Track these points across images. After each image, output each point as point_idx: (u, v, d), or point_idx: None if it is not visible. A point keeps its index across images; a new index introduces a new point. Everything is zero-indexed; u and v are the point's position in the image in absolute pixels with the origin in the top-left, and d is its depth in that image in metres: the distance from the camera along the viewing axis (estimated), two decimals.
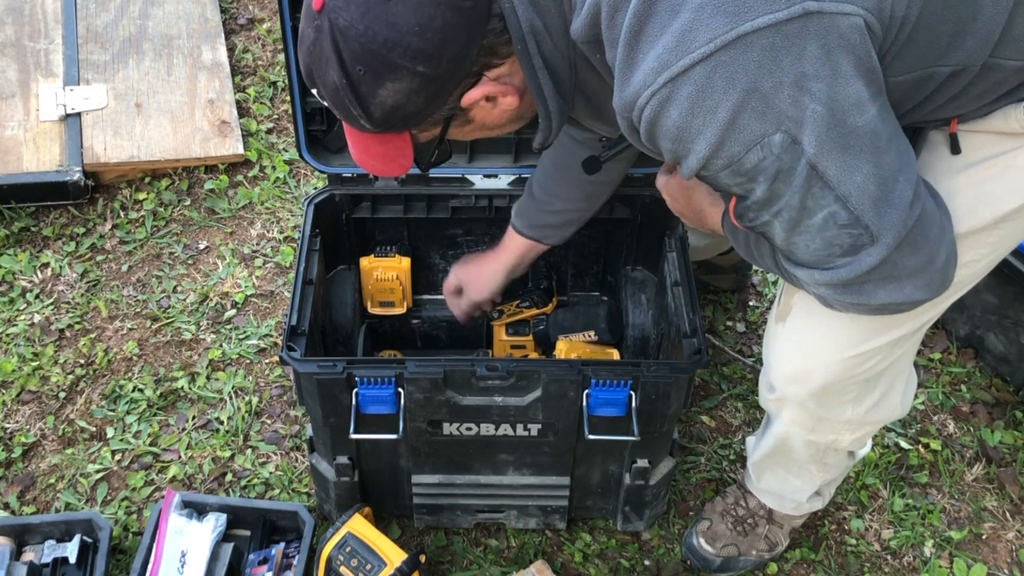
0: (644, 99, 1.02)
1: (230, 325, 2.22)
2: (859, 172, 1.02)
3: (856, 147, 1.01)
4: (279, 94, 2.76)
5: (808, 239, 1.08)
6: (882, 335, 1.33)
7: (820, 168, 1.01)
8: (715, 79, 0.97)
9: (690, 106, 0.99)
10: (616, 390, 1.52)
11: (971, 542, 1.88)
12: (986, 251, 1.28)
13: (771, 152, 1.00)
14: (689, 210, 1.48)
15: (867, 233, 1.06)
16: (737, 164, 1.02)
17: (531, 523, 1.82)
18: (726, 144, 1.00)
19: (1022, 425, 2.05)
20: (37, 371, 2.12)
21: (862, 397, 1.44)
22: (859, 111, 1.00)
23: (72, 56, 2.66)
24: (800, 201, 1.04)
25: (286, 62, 1.62)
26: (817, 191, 1.02)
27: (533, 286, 1.96)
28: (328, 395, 1.53)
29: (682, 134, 1.02)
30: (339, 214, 1.85)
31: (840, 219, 1.04)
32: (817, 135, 0.99)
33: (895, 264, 1.09)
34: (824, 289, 1.15)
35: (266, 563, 1.71)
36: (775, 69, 0.96)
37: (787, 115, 0.98)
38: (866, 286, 1.12)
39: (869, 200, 1.03)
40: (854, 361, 1.36)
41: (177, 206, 2.48)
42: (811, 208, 1.04)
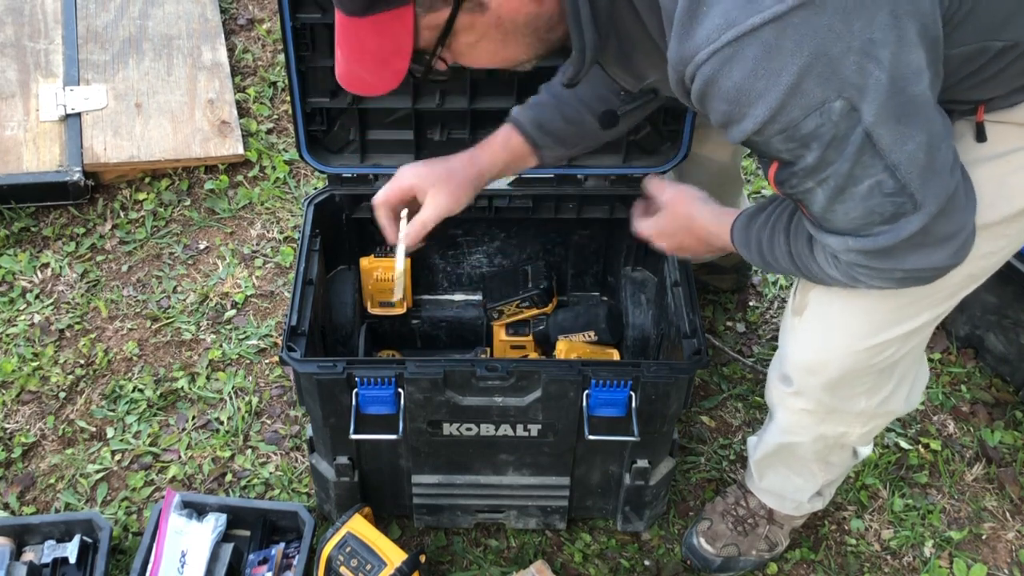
0: (704, 55, 0.98)
1: (230, 325, 2.22)
2: (912, 141, 1.00)
3: (910, 115, 0.99)
4: (279, 94, 2.76)
5: (850, 207, 1.06)
6: (896, 326, 1.33)
7: (875, 136, 0.99)
8: (784, 40, 0.94)
9: (754, 67, 0.96)
10: (616, 390, 1.52)
11: (971, 542, 1.88)
12: (1004, 243, 1.28)
13: (830, 119, 0.97)
14: (692, 239, 1.45)
15: (911, 201, 1.04)
16: (793, 129, 0.99)
17: (531, 523, 1.82)
18: (786, 109, 0.97)
19: (1022, 425, 2.05)
20: (37, 371, 2.12)
21: (876, 389, 1.44)
22: (918, 79, 0.98)
23: (72, 56, 2.66)
24: (849, 169, 1.02)
25: (286, 62, 1.62)
26: (868, 159, 1.00)
27: (533, 286, 1.96)
28: (328, 395, 1.53)
29: (741, 96, 0.99)
30: (339, 214, 1.85)
31: (887, 188, 1.03)
32: (877, 103, 0.97)
33: (931, 232, 1.08)
34: (855, 255, 1.13)
35: (266, 563, 1.71)
36: (845, 33, 0.93)
37: (850, 82, 0.95)
38: (897, 252, 1.10)
39: (918, 169, 1.02)
40: (869, 353, 1.36)
41: (177, 206, 2.48)
42: (859, 176, 1.02)
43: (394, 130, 1.76)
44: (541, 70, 1.64)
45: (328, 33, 1.61)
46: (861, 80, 0.95)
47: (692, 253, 1.50)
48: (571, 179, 1.82)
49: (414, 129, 1.75)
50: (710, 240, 1.42)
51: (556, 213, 1.87)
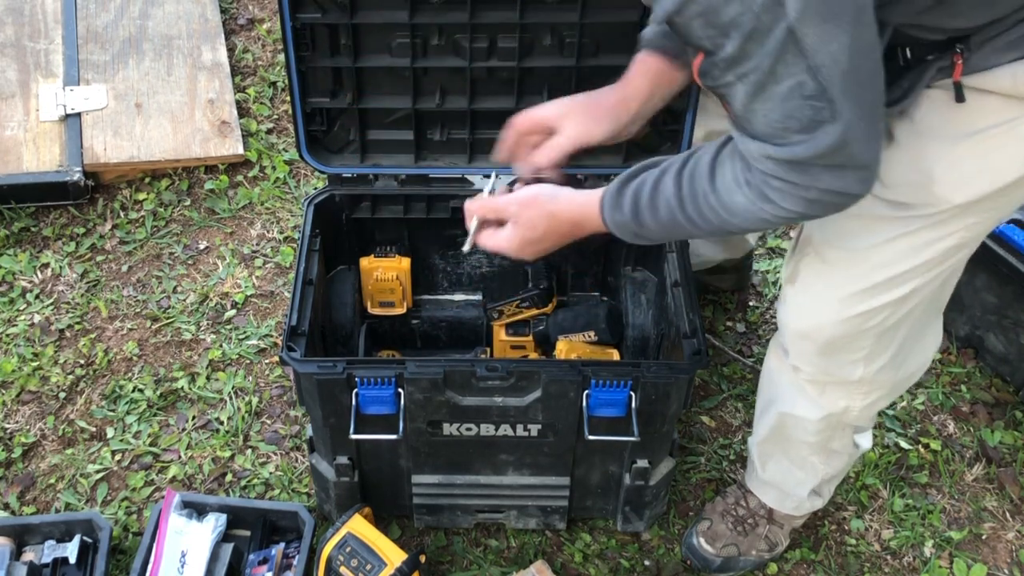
0: None
1: (230, 325, 2.22)
2: (836, 42, 0.97)
3: (837, 15, 0.96)
4: (279, 94, 2.76)
5: (769, 107, 1.04)
6: (886, 292, 1.34)
7: (799, 33, 0.96)
8: None
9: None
10: (616, 390, 1.52)
11: (971, 542, 1.88)
12: (989, 215, 1.28)
13: (751, 8, 0.95)
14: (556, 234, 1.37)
15: (829, 108, 1.01)
16: (713, 14, 0.97)
17: (531, 523, 1.82)
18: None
19: (1022, 425, 2.05)
20: (37, 371, 2.12)
21: (873, 356, 1.44)
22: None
23: (72, 56, 2.66)
24: (770, 65, 0.99)
25: (286, 62, 1.62)
26: (790, 57, 0.98)
27: (533, 286, 1.96)
28: (328, 395, 1.53)
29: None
30: (339, 214, 1.85)
31: (807, 89, 1.00)
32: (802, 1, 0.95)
33: (847, 150, 1.05)
34: (772, 165, 1.10)
35: (266, 563, 1.71)
36: None
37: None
38: (813, 168, 1.07)
39: (839, 72, 0.99)
40: (861, 318, 1.37)
41: (177, 206, 2.48)
42: (780, 74, 1.00)
43: (394, 130, 1.76)
44: (534, 70, 1.66)
45: (328, 33, 1.61)
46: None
47: (556, 244, 1.40)
48: (571, 179, 1.82)
49: (414, 129, 1.75)
50: (577, 223, 1.35)
51: None
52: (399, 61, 1.64)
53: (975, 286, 2.09)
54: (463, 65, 1.64)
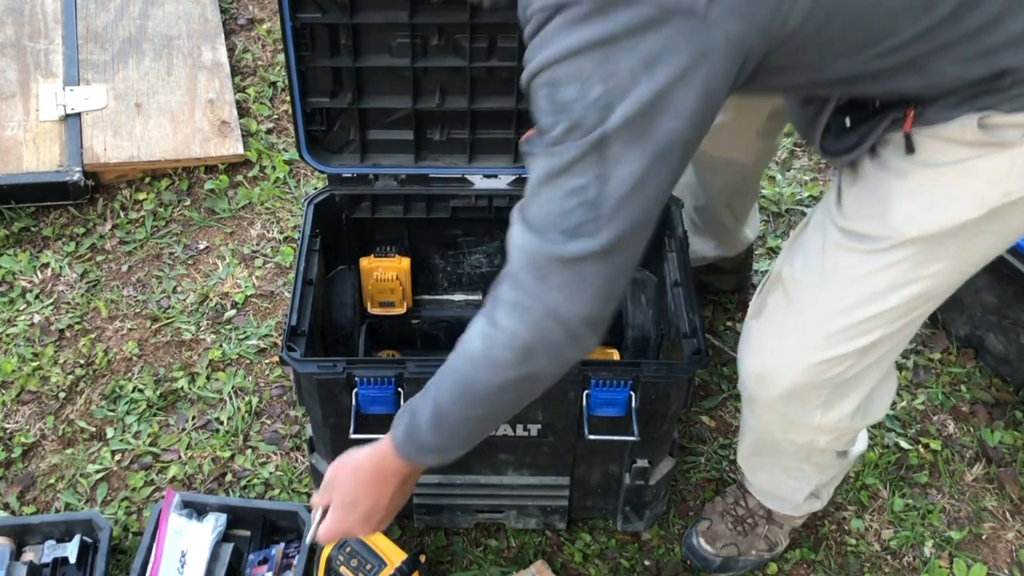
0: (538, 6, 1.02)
1: (230, 325, 2.22)
2: (632, 164, 1.02)
3: (645, 143, 1.01)
4: (279, 94, 2.76)
5: (552, 196, 1.06)
6: (850, 341, 1.33)
7: (608, 141, 1.01)
8: (591, 16, 0.98)
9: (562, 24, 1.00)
10: (616, 390, 1.52)
11: (971, 542, 1.88)
12: (951, 264, 1.26)
13: (585, 100, 1.00)
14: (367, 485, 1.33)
15: (595, 223, 1.05)
16: (553, 88, 1.02)
17: (531, 523, 1.82)
18: (561, 65, 1.00)
19: (1022, 425, 2.05)
20: (37, 371, 2.12)
21: (832, 403, 1.43)
22: (674, 118, 1.00)
23: (72, 56, 2.66)
24: (573, 158, 1.03)
25: (286, 62, 1.62)
26: (591, 159, 1.02)
27: None
28: (328, 395, 1.53)
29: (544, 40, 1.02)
30: (339, 214, 1.85)
31: (589, 196, 1.04)
32: (628, 113, 0.99)
33: (588, 269, 1.08)
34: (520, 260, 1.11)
35: (266, 563, 1.71)
36: (638, 37, 0.97)
37: (618, 80, 0.98)
38: (551, 278, 1.09)
39: (618, 195, 1.03)
40: (821, 367, 1.36)
41: (177, 206, 2.48)
42: (574, 170, 1.03)
43: (394, 130, 1.76)
44: None
45: (328, 33, 1.61)
46: (628, 84, 0.98)
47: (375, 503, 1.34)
48: None
49: (414, 129, 1.75)
50: (379, 464, 1.32)
51: None
52: (399, 61, 1.64)
53: (975, 286, 2.09)
54: (463, 65, 1.64)
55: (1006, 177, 1.16)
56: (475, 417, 1.24)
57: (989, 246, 1.27)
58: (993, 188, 1.17)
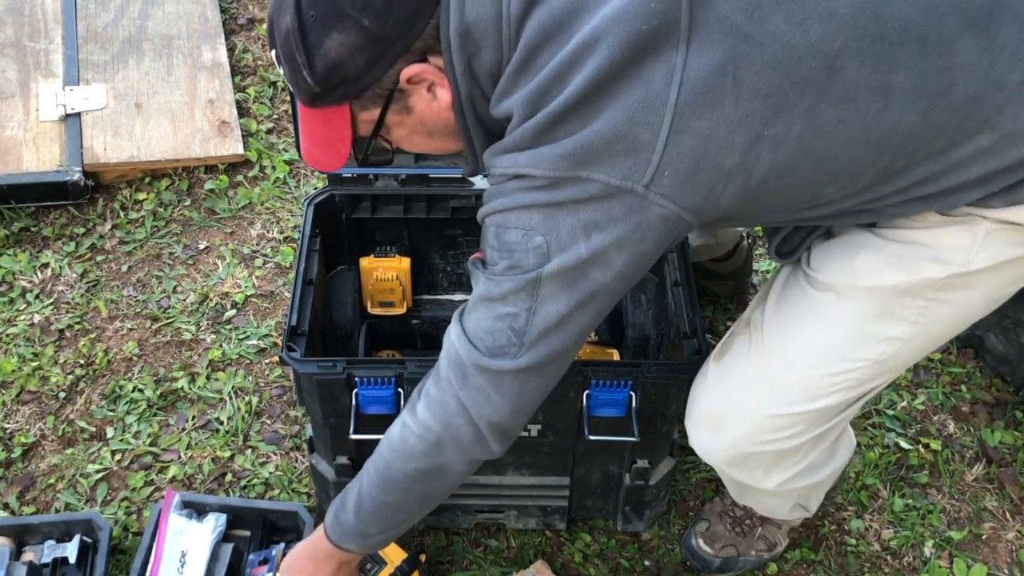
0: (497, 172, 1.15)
1: (230, 325, 2.22)
2: (560, 305, 1.15)
3: (576, 289, 1.14)
4: (279, 94, 2.76)
5: (485, 315, 1.19)
6: (809, 400, 1.35)
7: (542, 282, 1.14)
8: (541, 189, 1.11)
9: (516, 188, 1.13)
10: (616, 391, 1.52)
11: (971, 542, 1.88)
12: (911, 331, 1.29)
13: (526, 245, 1.13)
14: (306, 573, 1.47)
15: (518, 348, 1.18)
16: (502, 229, 1.15)
17: (531, 523, 1.82)
18: (512, 211, 1.13)
19: (1022, 425, 2.05)
20: (37, 371, 2.12)
21: (774, 467, 1.45)
22: (604, 273, 1.13)
23: (72, 56, 2.66)
24: (509, 290, 1.16)
25: None
26: (524, 294, 1.15)
27: None
28: (328, 395, 1.53)
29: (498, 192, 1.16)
30: (339, 214, 1.85)
31: (517, 324, 1.17)
32: (562, 264, 1.12)
33: (504, 384, 1.20)
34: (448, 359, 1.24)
35: (266, 563, 1.71)
36: (579, 205, 1.10)
37: (558, 235, 1.11)
38: (472, 378, 1.21)
39: (543, 329, 1.17)
40: (770, 423, 1.38)
41: (177, 206, 2.48)
42: (509, 300, 1.16)
43: None
44: None
45: None
46: (567, 242, 1.11)
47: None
48: None
49: None
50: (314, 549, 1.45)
51: None
52: None
53: None
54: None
55: (970, 246, 1.21)
56: (389, 504, 1.35)
57: (948, 320, 1.30)
58: (957, 253, 1.22)
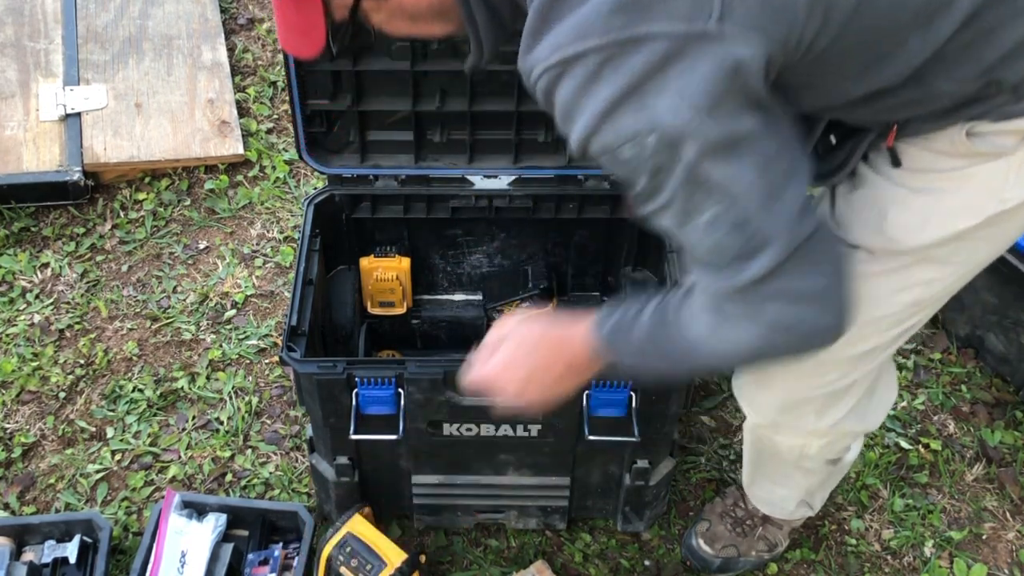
0: (539, 71, 1.02)
1: (230, 325, 2.22)
2: (745, 176, 1.00)
3: (739, 154, 0.99)
4: (279, 94, 2.76)
5: (696, 239, 1.05)
6: (847, 347, 1.29)
7: (701, 174, 0.99)
8: (604, 69, 0.96)
9: (577, 86, 0.99)
10: (616, 391, 1.52)
11: (971, 542, 1.88)
12: (948, 271, 1.25)
13: (644, 152, 0.99)
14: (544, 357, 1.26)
15: (758, 236, 1.02)
16: (612, 153, 1.01)
17: (531, 523, 1.82)
18: (601, 132, 1.00)
19: (1022, 425, 2.05)
20: (37, 371, 2.12)
21: (826, 410, 1.43)
22: (740, 120, 0.98)
23: (72, 56, 2.66)
24: (684, 200, 1.02)
25: (285, 63, 1.62)
26: (702, 192, 1.00)
27: (533, 286, 1.96)
28: (328, 395, 1.53)
29: (566, 112, 1.02)
30: (339, 214, 1.85)
31: (728, 219, 1.01)
32: (697, 144, 0.97)
33: (787, 277, 1.04)
34: (717, 298, 1.09)
35: (267, 563, 1.71)
36: (660, 74, 0.95)
37: (664, 120, 0.97)
38: (756, 297, 1.06)
39: (757, 200, 1.01)
40: (816, 372, 1.36)
41: (177, 206, 2.48)
42: (696, 206, 1.02)
43: (394, 131, 1.76)
44: None
45: None
46: (675, 121, 0.96)
47: (545, 381, 1.27)
48: (571, 179, 1.82)
49: (414, 130, 1.75)
50: (566, 347, 1.25)
51: (556, 213, 1.87)
52: (399, 64, 1.64)
53: (975, 286, 2.08)
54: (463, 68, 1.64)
55: (1002, 185, 1.15)
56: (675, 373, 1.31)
57: (986, 251, 1.26)
58: (989, 197, 1.16)
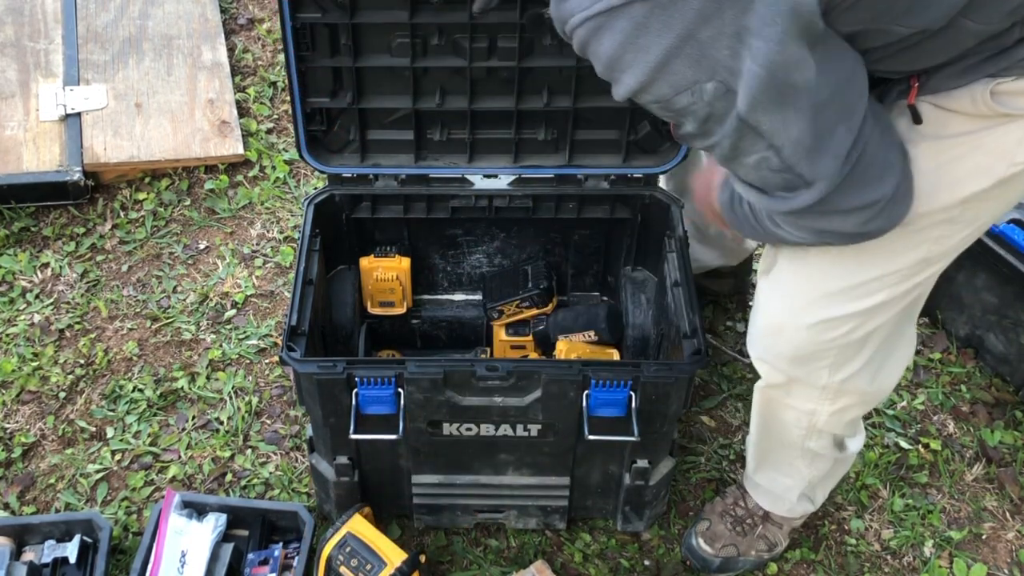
0: (577, 20, 0.99)
1: (230, 325, 2.22)
2: (795, 126, 1.01)
3: (793, 102, 0.99)
4: (279, 94, 2.76)
5: (744, 172, 1.09)
6: (852, 302, 1.33)
7: (752, 120, 0.99)
8: (652, 20, 0.94)
9: (622, 40, 0.96)
10: (616, 390, 1.52)
11: (971, 542, 1.88)
12: (956, 228, 1.26)
13: (702, 99, 0.98)
14: (703, 187, 1.48)
15: (800, 179, 1.05)
16: (666, 102, 1.01)
17: (531, 523, 1.82)
18: (655, 84, 0.98)
19: (1022, 425, 2.05)
20: (37, 371, 2.12)
21: (840, 365, 1.42)
22: (799, 70, 0.97)
23: (72, 56, 2.66)
24: (732, 143, 1.03)
25: (286, 62, 1.62)
26: (749, 139, 1.02)
27: (533, 286, 1.96)
28: (328, 395, 1.53)
29: (613, 63, 0.99)
30: (339, 214, 1.85)
31: (772, 164, 1.04)
32: (752, 90, 0.97)
33: (829, 203, 1.09)
34: (767, 212, 1.16)
35: (267, 563, 1.71)
36: (715, 19, 0.93)
37: (723, 65, 0.95)
38: (801, 216, 1.12)
39: (803, 151, 1.03)
40: (824, 326, 1.37)
41: (177, 206, 2.48)
42: (743, 149, 1.04)
43: (394, 130, 1.76)
44: (534, 70, 1.66)
45: (328, 33, 1.61)
46: (734, 64, 0.95)
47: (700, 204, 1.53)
48: (571, 179, 1.82)
49: (414, 129, 1.75)
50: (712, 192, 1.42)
51: (556, 213, 1.87)
52: (399, 61, 1.64)
53: (975, 286, 2.09)
54: (463, 65, 1.64)
55: (1014, 148, 1.16)
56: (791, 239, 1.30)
57: (994, 210, 1.27)
58: (1000, 159, 1.17)
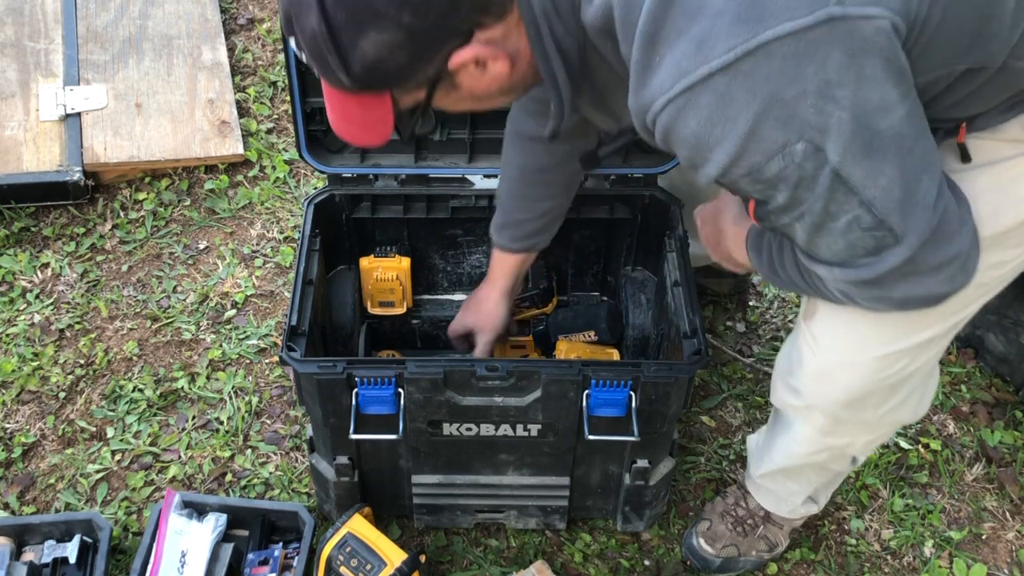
0: (660, 104, 0.99)
1: (230, 325, 2.22)
2: (884, 175, 1.00)
3: (881, 151, 0.99)
4: (279, 94, 2.76)
5: (831, 241, 1.07)
6: (911, 336, 1.30)
7: (844, 174, 0.99)
8: (735, 89, 0.95)
9: (709, 115, 0.97)
10: (616, 390, 1.52)
11: (971, 542, 1.88)
12: (1016, 252, 1.25)
13: (793, 161, 0.98)
14: (714, 233, 1.46)
15: (891, 235, 1.04)
16: (757, 172, 1.00)
17: (531, 523, 1.82)
18: (746, 154, 0.99)
19: (1022, 425, 2.05)
20: (37, 371, 2.12)
21: (886, 400, 1.40)
22: (885, 114, 0.98)
23: (72, 56, 2.66)
24: (823, 207, 1.03)
25: (286, 62, 1.62)
26: (841, 197, 1.01)
27: (533, 286, 1.96)
28: (328, 395, 1.53)
29: (700, 142, 1.00)
30: (339, 214, 1.85)
31: (864, 223, 1.03)
32: (842, 142, 0.97)
33: (918, 262, 1.07)
34: (845, 285, 1.14)
35: (267, 564, 1.71)
36: (798, 77, 0.94)
37: (810, 124, 0.96)
38: (886, 282, 1.10)
39: (894, 202, 1.02)
40: (881, 363, 1.33)
41: (177, 206, 2.48)
42: (834, 212, 1.03)
43: None
44: None
45: None
46: (821, 121, 0.96)
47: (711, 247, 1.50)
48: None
49: None
50: (727, 239, 1.41)
51: None
52: None
53: None
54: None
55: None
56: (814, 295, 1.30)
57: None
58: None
